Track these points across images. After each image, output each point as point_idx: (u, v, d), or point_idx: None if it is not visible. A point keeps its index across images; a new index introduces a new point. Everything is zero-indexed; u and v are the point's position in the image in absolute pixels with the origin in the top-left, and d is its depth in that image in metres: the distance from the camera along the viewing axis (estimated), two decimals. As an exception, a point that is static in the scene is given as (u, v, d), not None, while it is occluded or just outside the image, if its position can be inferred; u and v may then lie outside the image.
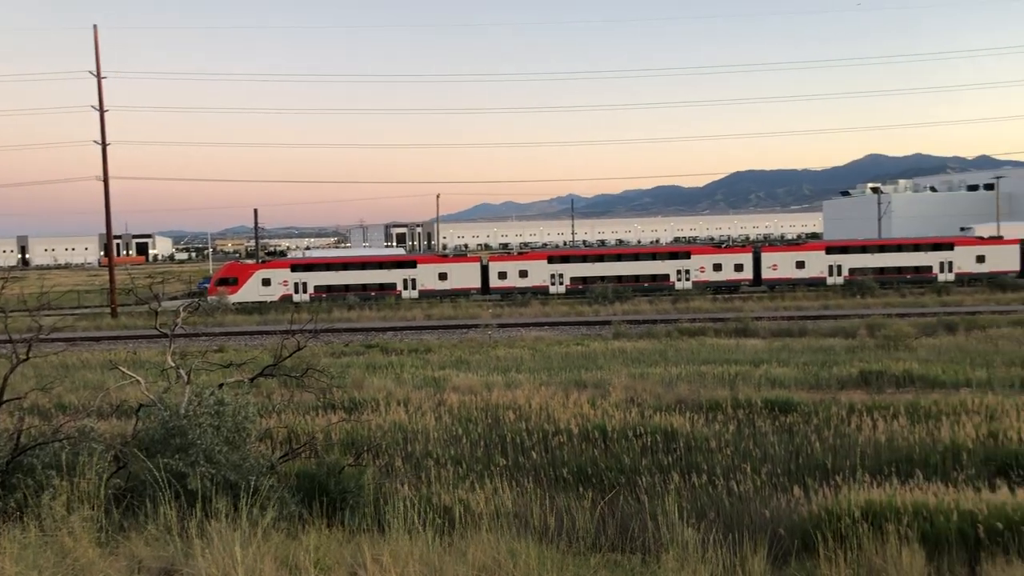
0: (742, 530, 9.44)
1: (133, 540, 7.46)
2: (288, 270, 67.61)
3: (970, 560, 9.50)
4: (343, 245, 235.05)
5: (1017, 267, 67.38)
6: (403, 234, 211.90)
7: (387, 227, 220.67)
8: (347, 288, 66.38)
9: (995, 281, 64.49)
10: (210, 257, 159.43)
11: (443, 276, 67.25)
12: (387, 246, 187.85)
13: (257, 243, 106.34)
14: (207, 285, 72.17)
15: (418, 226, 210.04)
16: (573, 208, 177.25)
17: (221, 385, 12.00)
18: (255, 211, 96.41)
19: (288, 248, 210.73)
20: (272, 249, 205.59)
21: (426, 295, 66.40)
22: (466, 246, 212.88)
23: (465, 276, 67.59)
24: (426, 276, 67.20)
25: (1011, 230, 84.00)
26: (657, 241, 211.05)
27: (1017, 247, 68.31)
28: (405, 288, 66.85)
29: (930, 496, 10.96)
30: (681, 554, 7.22)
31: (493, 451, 15.75)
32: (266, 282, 66.41)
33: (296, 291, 66.24)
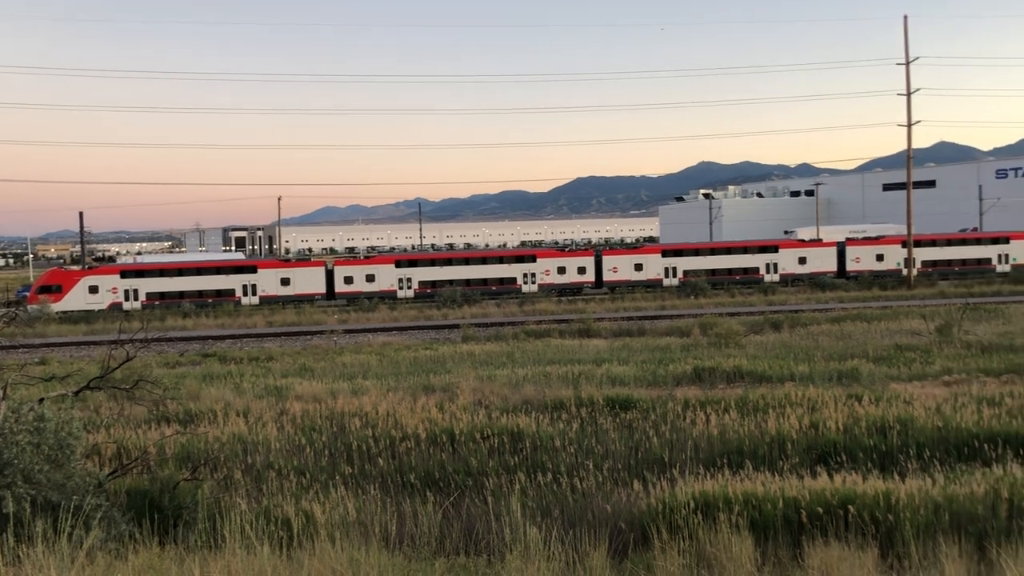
0: (585, 526, 9.67)
1: (-66, 573, 6.82)
2: (118, 276, 63.92)
3: (794, 543, 10.09)
4: (178, 250, 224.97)
5: (835, 268, 72.44)
6: (243, 238, 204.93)
7: (225, 231, 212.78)
8: (182, 295, 63.48)
9: (815, 281, 69.07)
10: (30, 263, 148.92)
11: (285, 281, 65.45)
12: (226, 250, 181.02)
13: (83, 248, 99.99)
14: (27, 293, 67.30)
15: (259, 230, 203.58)
16: (421, 212, 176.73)
17: (42, 400, 11.21)
18: (80, 214, 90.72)
19: (118, 253, 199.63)
20: (100, 254, 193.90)
21: (267, 301, 64.41)
22: (310, 250, 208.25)
23: (309, 281, 66.05)
24: (267, 281, 65.20)
25: (829, 233, 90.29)
26: (504, 245, 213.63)
27: (835, 249, 73.47)
28: (245, 294, 64.60)
29: (759, 485, 11.59)
30: (525, 553, 7.30)
31: (338, 460, 15.43)
32: (93, 289, 62.56)
33: (127, 299, 62.74)
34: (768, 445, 15.24)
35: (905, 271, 68.97)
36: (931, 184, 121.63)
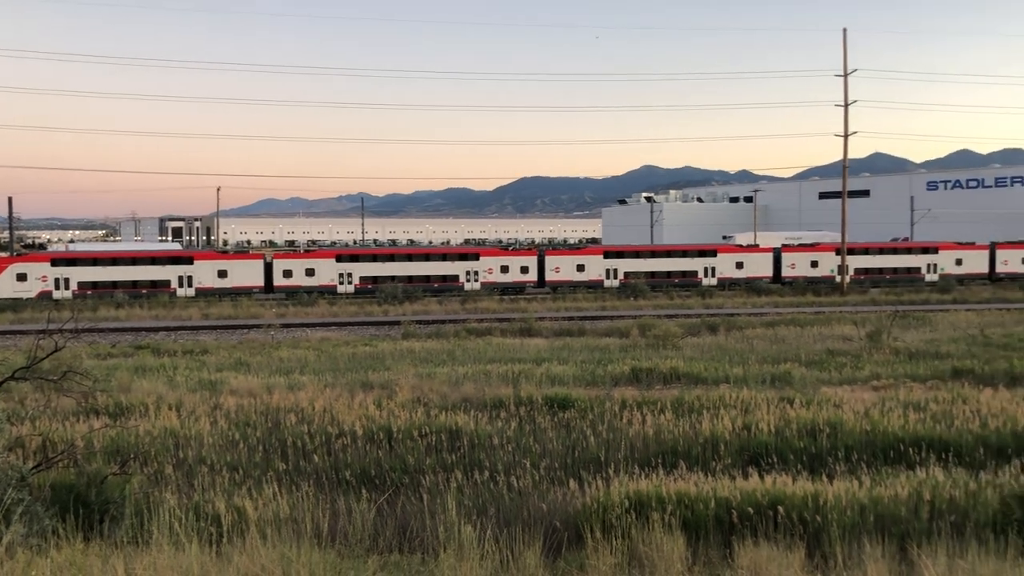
0: (521, 524, 9.70)
1: None
2: (48, 264, 62.07)
3: (725, 543, 10.26)
4: (113, 239, 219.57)
5: (771, 273, 73.87)
6: (180, 228, 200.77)
7: (162, 220, 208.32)
8: (115, 285, 61.89)
9: (752, 286, 70.37)
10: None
11: (223, 273, 64.29)
12: (162, 241, 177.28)
13: (12, 234, 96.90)
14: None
15: (197, 220, 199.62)
16: (363, 207, 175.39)
17: (-39, 390, 10.82)
18: (9, 199, 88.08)
19: (49, 240, 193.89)
20: (30, 241, 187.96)
21: (204, 293, 63.22)
22: (249, 242, 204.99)
23: (247, 274, 64.99)
24: (204, 273, 63.98)
25: (766, 239, 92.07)
26: (448, 242, 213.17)
27: (771, 255, 74.92)
28: (180, 286, 63.30)
29: (691, 485, 11.74)
30: (459, 551, 7.29)
31: (273, 456, 15.23)
32: (22, 277, 60.64)
33: (57, 287, 60.96)
34: (702, 446, 15.45)
35: (838, 278, 70.65)
36: (865, 194, 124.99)
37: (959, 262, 77.18)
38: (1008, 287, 71.81)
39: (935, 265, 76.52)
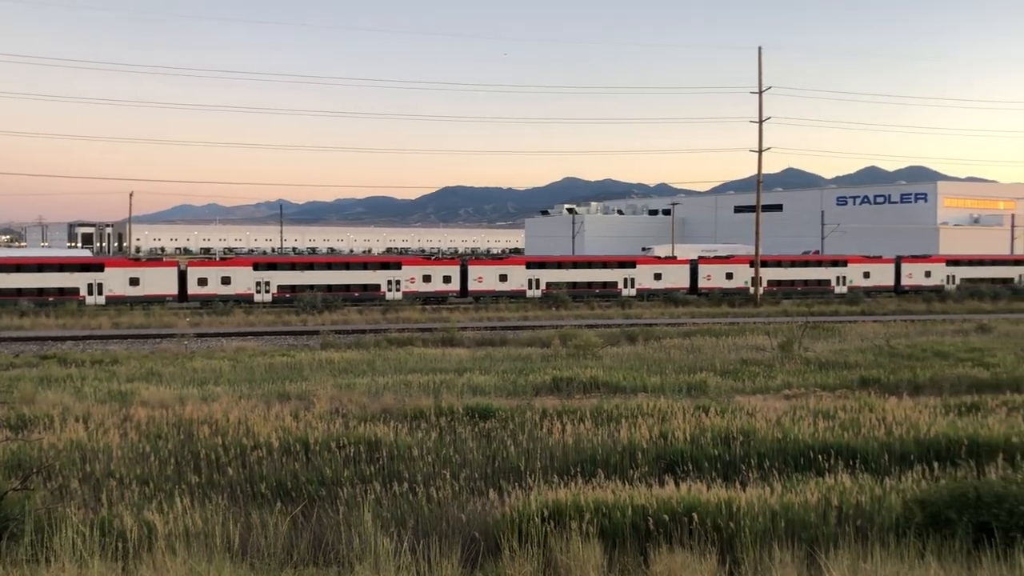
0: (439, 535, 9.66)
1: None
2: (-54, 271, 59.34)
3: (642, 550, 10.39)
4: (18, 244, 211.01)
5: (688, 284, 75.42)
6: (90, 234, 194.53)
7: (71, 226, 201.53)
8: (20, 292, 59.49)
9: (670, 296, 71.68)
10: None
11: (135, 281, 62.40)
12: (71, 247, 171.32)
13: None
14: None
15: (108, 226, 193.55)
16: (282, 214, 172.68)
17: None
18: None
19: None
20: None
21: (115, 302, 61.21)
22: (163, 249, 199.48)
23: (160, 282, 63.21)
24: (114, 281, 61.97)
25: (684, 251, 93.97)
26: (369, 251, 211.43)
27: (688, 267, 76.52)
28: (90, 294, 61.18)
29: (609, 493, 11.85)
30: (375, 563, 7.22)
31: (185, 468, 14.81)
32: (-83, 284, 57.78)
33: (-44, 295, 58.25)
34: (620, 454, 15.60)
35: (752, 289, 72.52)
36: (779, 208, 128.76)
37: (867, 275, 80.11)
38: (912, 299, 74.83)
39: (844, 278, 79.25)
